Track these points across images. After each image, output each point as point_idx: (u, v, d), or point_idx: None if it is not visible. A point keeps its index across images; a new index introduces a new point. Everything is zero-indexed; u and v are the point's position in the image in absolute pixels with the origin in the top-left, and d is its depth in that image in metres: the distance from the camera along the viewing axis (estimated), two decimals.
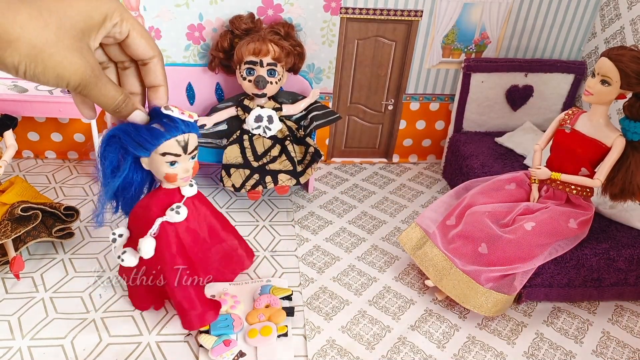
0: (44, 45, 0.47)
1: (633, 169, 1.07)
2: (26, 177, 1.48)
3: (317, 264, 1.24)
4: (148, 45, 0.61)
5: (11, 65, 0.46)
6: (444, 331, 1.07)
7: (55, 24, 0.48)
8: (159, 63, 0.64)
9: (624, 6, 1.45)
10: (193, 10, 1.40)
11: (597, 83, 1.05)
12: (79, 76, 0.51)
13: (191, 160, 0.87)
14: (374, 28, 1.50)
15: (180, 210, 0.91)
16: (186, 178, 0.88)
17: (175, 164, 0.84)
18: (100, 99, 0.57)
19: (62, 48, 0.48)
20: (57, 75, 0.49)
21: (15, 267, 1.07)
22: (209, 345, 0.95)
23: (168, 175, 0.86)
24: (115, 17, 0.54)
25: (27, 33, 0.46)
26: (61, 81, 0.50)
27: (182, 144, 0.81)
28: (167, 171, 0.85)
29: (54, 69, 0.49)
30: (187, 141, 0.82)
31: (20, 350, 0.94)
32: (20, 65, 0.47)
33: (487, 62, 1.52)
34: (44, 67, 0.48)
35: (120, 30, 0.56)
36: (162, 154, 0.81)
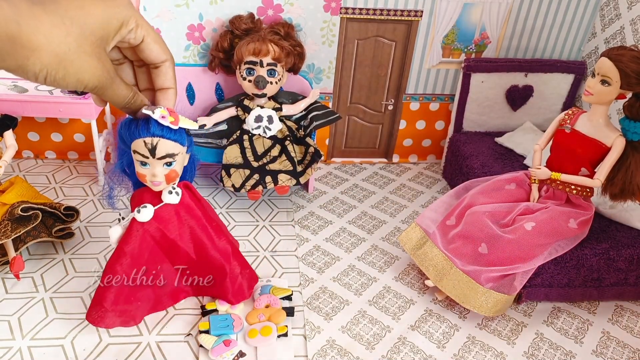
0: (66, 54, 0.49)
1: (633, 169, 1.07)
2: (26, 177, 1.48)
3: (317, 264, 1.24)
4: (161, 50, 0.64)
5: (32, 72, 0.49)
6: (444, 331, 1.07)
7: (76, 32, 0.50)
8: (170, 67, 0.67)
9: (623, 6, 1.45)
10: (193, 10, 1.40)
11: (597, 83, 1.05)
12: (97, 79, 0.55)
13: (165, 167, 0.86)
14: (374, 28, 1.50)
15: (143, 211, 0.92)
16: (155, 183, 0.88)
17: (146, 165, 0.85)
18: (113, 98, 0.61)
19: (82, 54, 0.51)
20: (77, 80, 0.52)
21: (15, 267, 1.07)
22: (209, 345, 0.95)
23: (138, 173, 0.88)
24: (130, 23, 0.57)
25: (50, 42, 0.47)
26: (80, 85, 0.53)
27: (149, 146, 0.82)
28: (138, 169, 0.87)
29: (75, 75, 0.51)
30: (154, 145, 0.81)
31: (20, 350, 0.94)
32: (42, 73, 0.49)
33: (487, 62, 1.52)
34: (65, 73, 0.50)
35: (135, 36, 0.58)
36: (134, 151, 0.84)
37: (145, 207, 0.92)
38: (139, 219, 0.92)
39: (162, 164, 0.85)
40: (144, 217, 0.92)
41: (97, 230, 1.28)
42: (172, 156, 0.85)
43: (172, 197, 0.94)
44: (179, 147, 0.84)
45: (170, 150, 0.83)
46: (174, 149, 0.84)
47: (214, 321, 0.99)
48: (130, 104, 0.65)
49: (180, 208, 0.96)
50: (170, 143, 0.83)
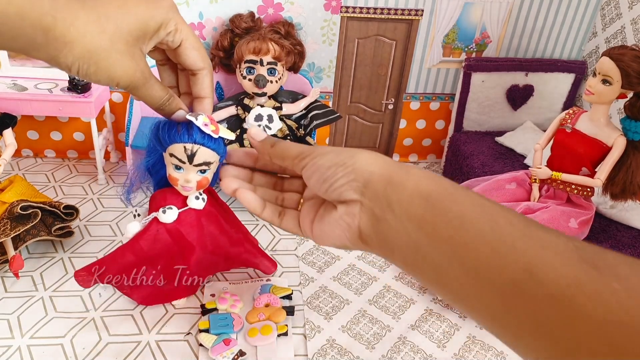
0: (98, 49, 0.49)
1: (634, 169, 1.07)
2: (26, 175, 1.48)
3: (317, 263, 1.23)
4: (199, 57, 0.62)
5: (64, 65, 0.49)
6: (444, 331, 1.07)
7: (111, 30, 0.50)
8: (207, 75, 0.65)
9: (624, 6, 1.44)
10: (193, 9, 1.40)
11: (598, 82, 1.05)
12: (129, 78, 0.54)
13: (199, 174, 0.87)
14: (375, 27, 1.50)
15: (168, 212, 0.93)
16: (186, 188, 0.89)
17: (180, 169, 0.86)
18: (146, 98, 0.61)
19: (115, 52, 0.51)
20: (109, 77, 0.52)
21: (15, 265, 1.07)
22: (209, 344, 0.95)
23: (170, 177, 0.88)
24: (170, 26, 0.55)
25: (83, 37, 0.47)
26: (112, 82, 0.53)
27: (188, 152, 0.82)
28: (170, 172, 0.87)
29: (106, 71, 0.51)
30: (194, 152, 0.82)
31: (19, 349, 0.94)
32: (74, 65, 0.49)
33: (487, 62, 1.52)
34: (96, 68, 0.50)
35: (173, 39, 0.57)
36: (170, 154, 0.84)
37: (171, 208, 0.93)
38: (163, 220, 0.93)
39: (197, 170, 0.86)
40: (169, 218, 0.93)
41: (96, 229, 1.28)
42: (208, 164, 0.85)
43: (198, 202, 0.95)
44: (215, 156, 0.85)
45: (208, 159, 0.84)
46: (212, 157, 0.84)
47: (213, 320, 0.99)
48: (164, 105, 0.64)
49: (202, 213, 0.97)
50: (209, 152, 0.83)
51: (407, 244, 0.37)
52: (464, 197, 0.36)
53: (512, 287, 0.31)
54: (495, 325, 0.33)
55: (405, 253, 0.37)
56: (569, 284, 0.29)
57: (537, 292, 0.29)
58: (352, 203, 0.40)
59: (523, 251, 0.31)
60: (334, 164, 0.42)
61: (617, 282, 0.27)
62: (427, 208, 0.36)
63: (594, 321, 0.27)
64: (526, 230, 0.32)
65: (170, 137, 0.81)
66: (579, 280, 0.28)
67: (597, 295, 0.27)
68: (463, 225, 0.34)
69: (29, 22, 0.43)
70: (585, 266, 0.29)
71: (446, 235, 0.34)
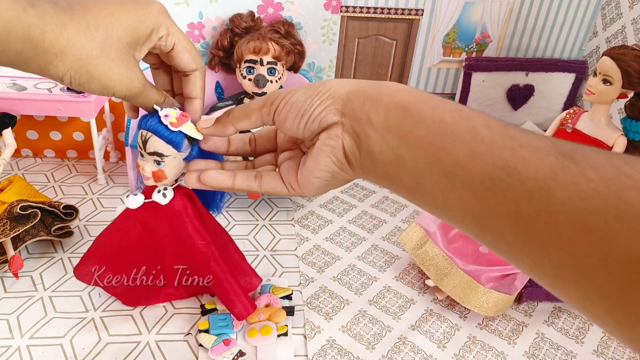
0: (89, 58, 0.49)
1: None
2: (25, 175, 1.48)
3: (317, 264, 1.23)
4: (191, 59, 0.62)
5: (56, 75, 0.49)
6: (444, 331, 1.07)
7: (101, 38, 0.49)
8: (199, 77, 0.66)
9: (625, 5, 1.44)
10: (193, 8, 1.39)
11: (599, 82, 1.05)
12: (125, 87, 0.54)
13: (154, 165, 0.84)
14: (375, 27, 1.49)
15: (131, 197, 0.91)
16: (145, 177, 0.86)
17: (143, 157, 0.84)
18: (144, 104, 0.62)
19: (107, 60, 0.50)
20: (102, 86, 0.52)
21: (14, 266, 1.07)
22: (209, 344, 0.94)
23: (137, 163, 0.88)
24: (161, 30, 0.56)
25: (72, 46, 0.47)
26: (106, 91, 0.53)
27: (143, 138, 0.80)
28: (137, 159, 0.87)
29: (99, 80, 0.51)
30: (146, 138, 0.79)
31: (19, 349, 0.94)
32: (65, 76, 0.49)
33: (488, 62, 1.52)
34: (88, 77, 0.50)
35: (166, 43, 0.58)
36: None
37: (136, 194, 0.91)
38: (125, 203, 0.92)
39: (152, 160, 0.84)
40: (130, 203, 0.92)
41: (96, 229, 1.27)
42: (161, 156, 0.82)
43: (158, 196, 0.92)
44: (170, 149, 0.81)
45: (159, 149, 0.80)
46: (164, 149, 0.81)
47: (213, 320, 0.99)
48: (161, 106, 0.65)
49: (174, 213, 0.94)
50: (161, 142, 0.80)
51: (388, 156, 0.37)
52: (441, 105, 0.37)
53: (490, 185, 0.31)
54: (477, 228, 0.33)
55: (386, 166, 0.38)
56: (545, 177, 0.29)
57: (515, 188, 0.30)
58: (333, 126, 0.41)
59: (500, 151, 0.31)
60: (308, 96, 0.42)
61: (593, 172, 0.27)
62: (405, 117, 0.37)
63: (570, 209, 0.27)
64: (504, 131, 0.33)
65: (138, 123, 0.80)
66: (555, 173, 0.29)
67: (573, 186, 0.27)
68: (441, 130, 0.35)
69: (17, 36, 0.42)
70: (562, 159, 0.29)
71: (425, 142, 0.35)
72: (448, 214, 0.35)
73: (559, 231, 0.27)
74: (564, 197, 0.27)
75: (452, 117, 0.35)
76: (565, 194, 0.27)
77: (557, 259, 0.28)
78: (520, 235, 0.29)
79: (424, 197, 0.36)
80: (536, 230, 0.28)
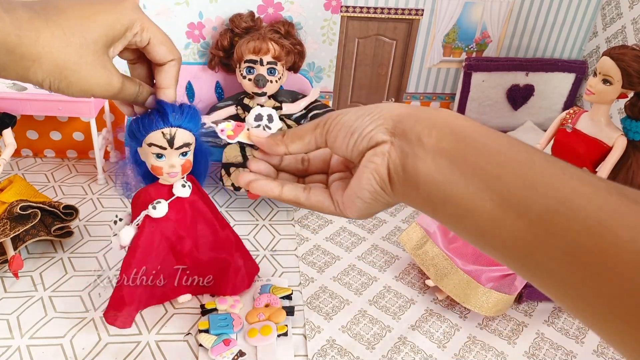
0: (66, 64, 0.49)
1: (634, 169, 1.07)
2: (25, 175, 1.48)
3: (317, 264, 1.23)
4: (167, 51, 0.63)
5: (35, 81, 0.49)
6: (444, 331, 1.07)
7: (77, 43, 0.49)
8: (174, 66, 0.67)
9: (625, 5, 1.44)
10: (193, 8, 1.39)
11: (599, 82, 1.05)
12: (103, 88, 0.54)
13: (181, 157, 0.86)
14: (375, 27, 1.49)
15: (158, 206, 0.90)
16: (172, 174, 0.87)
17: (162, 157, 0.85)
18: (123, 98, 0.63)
19: (85, 65, 0.50)
20: (81, 90, 0.52)
21: (14, 266, 1.07)
22: (209, 344, 0.94)
23: (153, 167, 0.87)
24: (135, 27, 0.56)
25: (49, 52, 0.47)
26: (86, 94, 0.53)
27: (168, 136, 0.81)
28: (152, 162, 0.86)
29: (78, 85, 0.51)
30: (173, 135, 0.81)
31: (19, 349, 0.94)
32: (45, 82, 0.49)
33: (488, 62, 1.52)
34: (67, 82, 0.50)
35: (141, 39, 0.58)
36: (148, 145, 0.83)
37: (160, 202, 0.91)
38: (155, 215, 0.91)
39: (179, 154, 0.85)
40: (160, 212, 0.91)
41: (96, 229, 1.28)
42: (189, 145, 0.85)
43: (185, 190, 0.92)
44: (192, 137, 0.85)
45: (187, 140, 0.84)
46: (190, 138, 0.84)
47: (213, 320, 0.99)
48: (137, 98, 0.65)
49: (189, 201, 0.96)
50: (186, 133, 0.83)
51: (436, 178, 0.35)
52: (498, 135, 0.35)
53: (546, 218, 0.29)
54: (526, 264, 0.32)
55: (432, 189, 0.36)
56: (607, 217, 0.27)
57: (573, 222, 0.28)
58: (381, 144, 0.39)
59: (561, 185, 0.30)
60: (359, 116, 0.42)
61: None
62: (459, 142, 0.35)
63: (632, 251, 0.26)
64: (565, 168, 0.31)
65: (145, 127, 0.79)
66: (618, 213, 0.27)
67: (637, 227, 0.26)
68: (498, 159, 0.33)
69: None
70: (625, 200, 0.28)
71: (479, 168, 0.33)
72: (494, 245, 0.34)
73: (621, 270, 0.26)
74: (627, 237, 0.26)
75: (510, 148, 0.34)
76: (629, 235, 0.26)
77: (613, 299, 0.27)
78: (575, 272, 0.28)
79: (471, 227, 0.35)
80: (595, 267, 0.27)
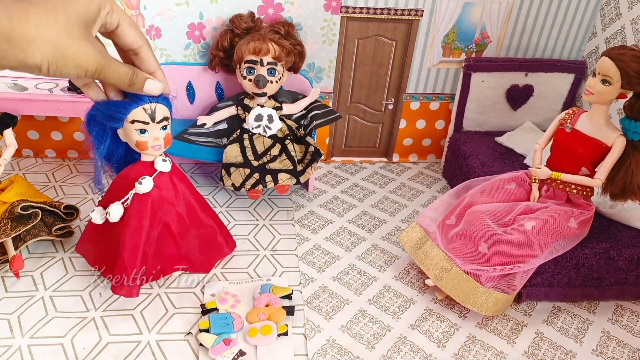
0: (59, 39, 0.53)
1: (633, 169, 1.07)
2: (26, 175, 1.48)
3: (317, 263, 1.24)
4: (137, 35, 0.68)
5: (34, 64, 0.52)
6: (444, 330, 1.07)
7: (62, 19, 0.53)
8: (149, 51, 0.72)
9: (624, 6, 1.45)
10: (193, 9, 1.40)
11: (598, 82, 1.05)
12: (95, 62, 0.58)
13: (162, 131, 0.94)
14: (375, 27, 1.50)
15: (144, 181, 0.98)
16: (156, 147, 0.95)
17: (145, 133, 0.92)
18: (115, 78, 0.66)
19: (74, 38, 0.54)
20: (77, 65, 0.56)
21: (15, 265, 1.07)
22: (209, 344, 0.95)
23: (138, 143, 0.93)
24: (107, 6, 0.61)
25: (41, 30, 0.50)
26: (81, 70, 0.57)
27: (149, 111, 0.89)
28: (137, 139, 0.93)
29: (73, 60, 0.55)
30: (154, 109, 0.89)
31: (20, 348, 0.94)
32: (43, 63, 0.52)
33: (487, 62, 1.52)
34: (64, 59, 0.53)
35: (111, 20, 0.63)
36: (131, 122, 0.89)
37: (145, 178, 0.98)
38: (143, 190, 0.97)
39: (160, 127, 0.93)
40: (147, 186, 0.98)
41: None
42: (167, 119, 0.93)
43: (166, 164, 1.00)
44: (168, 111, 0.93)
45: (165, 114, 0.92)
46: (167, 112, 0.93)
47: (214, 320, 0.99)
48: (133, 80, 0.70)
49: (172, 175, 1.04)
50: (164, 107, 0.91)
51: None
52: None
53: None
54: None
55: None
56: None
57: None
58: None
59: None
60: None
61: None
62: None
63: None
64: None
65: (125, 107, 0.86)
66: None
67: None
68: None
69: None
70: None
71: None
72: None
73: None
74: None
75: None
76: None
77: None
78: None
79: None
80: None
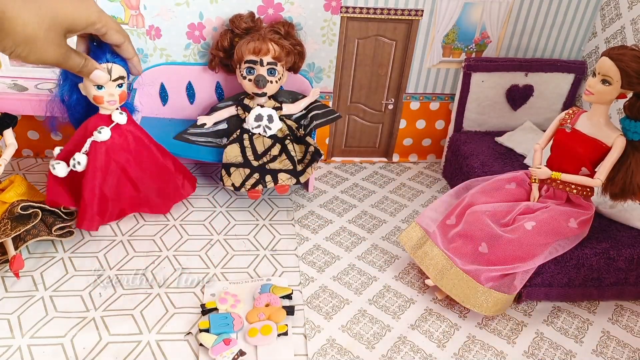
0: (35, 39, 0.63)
1: (633, 169, 1.07)
2: (26, 175, 1.48)
3: (317, 263, 1.24)
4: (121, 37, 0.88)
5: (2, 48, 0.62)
6: (444, 330, 1.07)
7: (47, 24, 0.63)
8: (129, 45, 0.94)
9: (624, 6, 1.45)
10: (193, 9, 1.40)
11: (598, 82, 1.05)
12: (55, 59, 0.71)
13: (118, 88, 1.08)
14: (375, 27, 1.50)
15: (102, 130, 1.10)
16: (112, 102, 1.09)
17: (102, 88, 1.06)
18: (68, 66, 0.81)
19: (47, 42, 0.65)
20: (38, 59, 0.67)
21: (15, 265, 1.07)
22: (209, 344, 0.95)
23: (95, 97, 1.08)
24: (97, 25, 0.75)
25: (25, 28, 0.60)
26: (39, 62, 0.68)
27: (106, 70, 1.02)
28: (94, 93, 1.07)
29: (35, 54, 0.65)
30: (110, 68, 1.03)
31: (19, 348, 0.94)
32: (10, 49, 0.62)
33: (487, 62, 1.52)
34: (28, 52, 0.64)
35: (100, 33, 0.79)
36: None
37: (103, 127, 1.11)
38: (101, 139, 1.10)
39: (116, 85, 1.07)
40: (105, 135, 1.10)
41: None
42: (123, 78, 1.07)
43: (122, 117, 1.14)
44: (125, 71, 1.07)
45: (121, 73, 1.06)
46: (123, 72, 1.07)
47: (214, 320, 0.99)
48: (82, 69, 0.86)
49: (129, 131, 1.17)
50: (121, 67, 1.05)
51: None
52: None
53: None
54: None
55: None
56: None
57: None
58: None
59: None
60: None
61: None
62: None
63: None
64: None
65: None
66: None
67: None
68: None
69: None
70: None
71: None
72: None
73: None
74: None
75: None
76: None
77: None
78: None
79: None
80: None
